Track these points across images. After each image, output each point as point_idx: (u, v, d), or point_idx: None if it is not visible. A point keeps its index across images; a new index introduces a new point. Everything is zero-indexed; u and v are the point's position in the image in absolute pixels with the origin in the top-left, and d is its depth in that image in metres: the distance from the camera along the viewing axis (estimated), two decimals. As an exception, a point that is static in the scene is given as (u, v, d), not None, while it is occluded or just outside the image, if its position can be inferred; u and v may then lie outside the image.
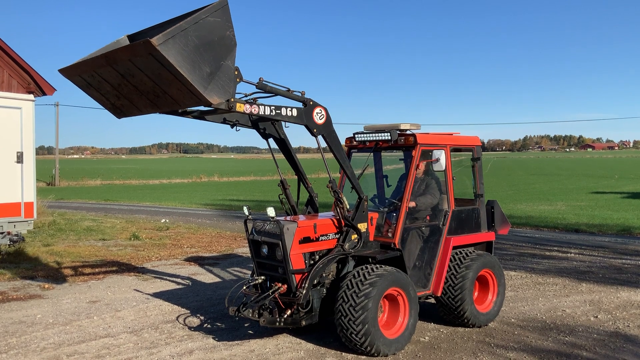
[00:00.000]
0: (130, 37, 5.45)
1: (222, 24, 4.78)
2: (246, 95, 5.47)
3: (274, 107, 5.49)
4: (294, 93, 5.72)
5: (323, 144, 6.07)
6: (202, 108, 5.63)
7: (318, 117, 5.84)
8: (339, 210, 6.28)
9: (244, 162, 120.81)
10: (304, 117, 5.73)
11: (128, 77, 4.84)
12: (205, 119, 5.90)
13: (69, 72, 5.28)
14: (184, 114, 5.81)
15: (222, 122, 6.12)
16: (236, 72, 4.99)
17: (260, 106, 5.37)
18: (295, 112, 5.66)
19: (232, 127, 6.20)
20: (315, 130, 5.83)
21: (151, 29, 5.28)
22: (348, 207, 6.31)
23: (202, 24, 4.67)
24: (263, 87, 5.43)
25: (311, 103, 5.78)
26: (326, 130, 5.93)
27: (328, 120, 5.93)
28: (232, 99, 5.05)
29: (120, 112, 5.51)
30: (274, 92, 5.56)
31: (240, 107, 5.17)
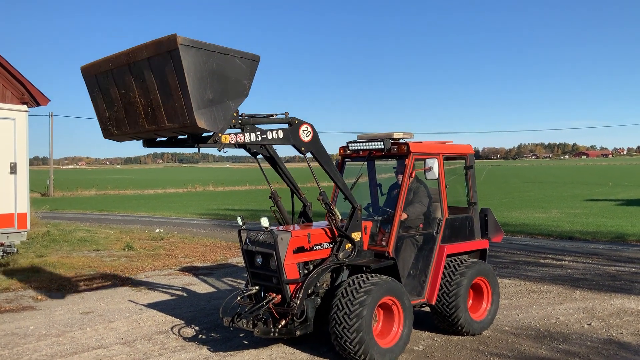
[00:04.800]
0: None
1: (244, 72, 5.03)
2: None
3: (259, 133, 5.52)
4: (278, 116, 5.75)
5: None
6: (186, 150, 5.65)
7: (305, 134, 5.87)
8: (331, 222, 6.30)
9: (239, 172, 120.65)
10: (291, 137, 5.76)
11: (137, 82, 5.01)
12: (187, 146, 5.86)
13: (89, 70, 5.50)
14: (169, 143, 5.78)
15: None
16: (235, 114, 5.17)
17: (245, 134, 5.40)
18: (281, 134, 5.69)
19: (219, 150, 6.20)
20: (303, 148, 5.86)
21: None
22: (340, 217, 6.34)
23: (228, 59, 4.90)
24: (247, 122, 5.47)
25: (297, 122, 5.80)
26: (314, 147, 5.96)
27: (315, 136, 5.95)
28: (220, 134, 5.13)
29: (110, 129, 5.61)
30: (258, 122, 5.58)
31: (226, 139, 5.22)
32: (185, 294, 9.63)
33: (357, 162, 7.51)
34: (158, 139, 5.73)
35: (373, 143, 6.91)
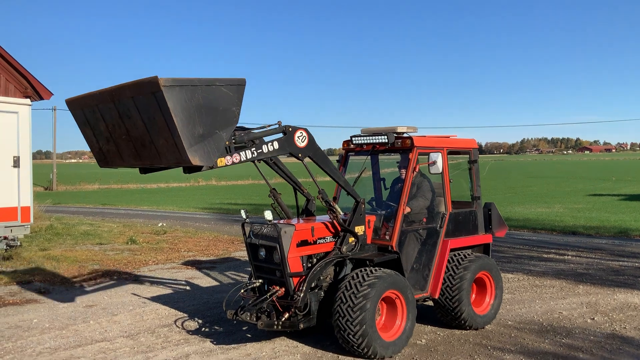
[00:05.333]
0: None
1: (232, 99, 4.96)
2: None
3: (254, 149, 5.47)
4: (271, 127, 5.72)
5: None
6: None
7: (300, 140, 5.84)
8: (333, 218, 6.30)
9: (242, 166, 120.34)
10: (287, 146, 5.73)
11: (124, 118, 4.95)
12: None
13: (74, 104, 5.43)
14: (165, 168, 5.74)
15: None
16: (227, 143, 5.08)
17: (240, 153, 5.34)
18: (277, 145, 5.65)
19: None
20: (300, 154, 5.84)
21: None
22: (342, 214, 6.33)
23: (213, 90, 4.81)
24: (240, 141, 5.43)
25: (290, 129, 5.78)
26: (311, 151, 5.93)
27: (311, 140, 5.92)
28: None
29: (104, 159, 5.59)
30: (252, 138, 5.54)
31: (222, 162, 5.14)
32: (188, 288, 9.65)
33: (360, 156, 7.50)
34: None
35: (377, 137, 6.90)
